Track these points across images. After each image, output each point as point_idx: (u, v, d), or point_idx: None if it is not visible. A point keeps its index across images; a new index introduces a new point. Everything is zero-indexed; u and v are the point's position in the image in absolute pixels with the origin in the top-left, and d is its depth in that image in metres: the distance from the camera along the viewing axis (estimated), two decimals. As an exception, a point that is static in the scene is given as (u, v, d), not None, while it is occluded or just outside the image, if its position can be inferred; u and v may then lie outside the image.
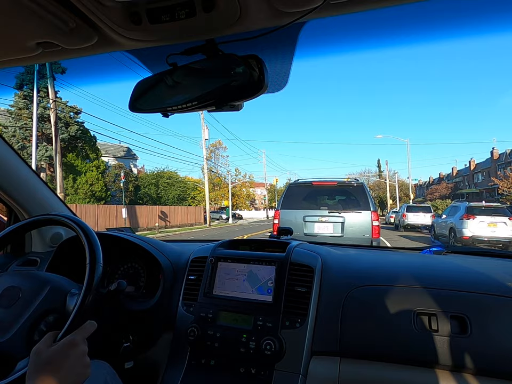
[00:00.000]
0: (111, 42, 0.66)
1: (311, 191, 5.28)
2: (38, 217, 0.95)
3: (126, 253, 1.26)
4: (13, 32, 0.62)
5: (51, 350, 0.61)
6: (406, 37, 0.72)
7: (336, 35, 0.73)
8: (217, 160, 42.24)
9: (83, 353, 0.64)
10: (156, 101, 0.77)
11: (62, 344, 0.63)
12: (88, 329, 0.68)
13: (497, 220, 8.99)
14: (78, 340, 0.65)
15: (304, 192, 5.28)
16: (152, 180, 28.96)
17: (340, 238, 4.79)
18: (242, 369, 0.98)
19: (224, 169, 41.93)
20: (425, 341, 0.86)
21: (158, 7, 0.55)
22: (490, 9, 0.66)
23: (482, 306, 0.87)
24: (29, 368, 0.60)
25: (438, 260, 1.19)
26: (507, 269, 1.06)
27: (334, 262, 1.11)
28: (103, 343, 1.03)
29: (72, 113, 19.56)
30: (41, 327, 0.77)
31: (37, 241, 1.42)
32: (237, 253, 1.14)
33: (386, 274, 1.02)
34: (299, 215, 4.99)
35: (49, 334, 0.67)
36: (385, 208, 41.71)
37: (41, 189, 1.38)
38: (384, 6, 0.57)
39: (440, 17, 0.69)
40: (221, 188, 39.75)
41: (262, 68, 0.65)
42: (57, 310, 0.81)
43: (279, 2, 0.54)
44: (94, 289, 0.79)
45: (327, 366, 0.93)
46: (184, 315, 1.10)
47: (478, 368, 0.82)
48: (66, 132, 18.57)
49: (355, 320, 0.94)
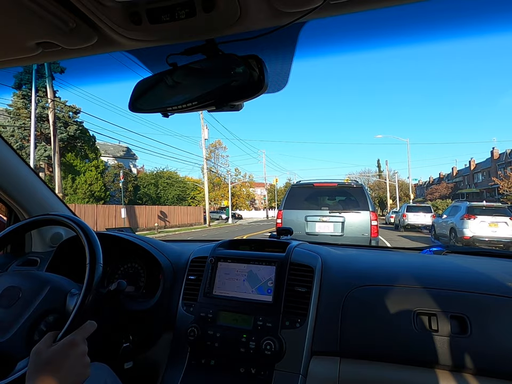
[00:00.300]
0: (111, 42, 0.66)
1: (313, 192, 5.46)
2: (38, 217, 0.95)
3: (126, 253, 1.26)
4: (13, 32, 0.62)
5: (51, 350, 0.61)
6: (406, 37, 0.72)
7: (336, 35, 0.73)
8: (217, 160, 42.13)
9: (83, 353, 0.64)
10: (156, 101, 0.76)
11: (62, 344, 0.63)
12: (88, 329, 0.68)
13: (498, 220, 8.91)
14: (78, 339, 0.65)
15: (306, 193, 5.45)
16: (152, 179, 28.79)
17: (340, 237, 4.94)
18: (242, 369, 0.98)
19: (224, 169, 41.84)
20: (425, 341, 0.86)
21: (158, 7, 0.55)
22: (490, 9, 0.66)
23: (482, 306, 0.87)
24: (29, 368, 0.60)
25: (438, 260, 1.19)
26: (507, 269, 1.06)
27: (334, 262, 1.11)
28: (103, 343, 1.03)
29: (71, 113, 19.37)
30: (41, 327, 0.77)
31: (37, 241, 1.42)
32: (237, 253, 1.14)
33: (387, 274, 1.02)
34: (301, 215, 5.14)
35: (49, 334, 0.67)
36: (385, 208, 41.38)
37: (41, 189, 1.38)
38: (384, 6, 0.57)
39: (440, 17, 0.69)
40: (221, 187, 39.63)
41: (262, 68, 0.65)
42: (57, 310, 0.81)
43: (279, 3, 0.54)
44: (94, 289, 0.79)
45: (327, 366, 0.93)
46: (184, 315, 1.10)
47: (478, 368, 0.82)
48: (65, 132, 18.41)
49: (355, 320, 0.94)
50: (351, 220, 4.98)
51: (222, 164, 42.42)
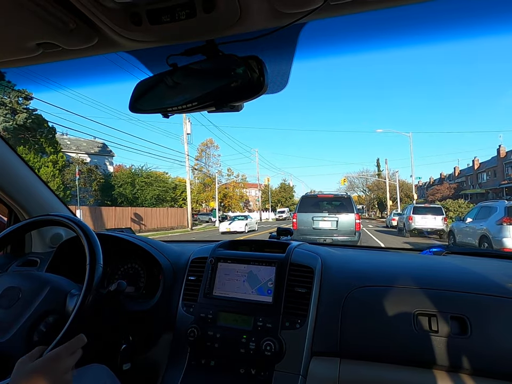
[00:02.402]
0: (112, 43, 0.66)
1: (317, 200, 8.14)
2: (38, 218, 0.95)
3: (126, 253, 1.26)
4: (14, 33, 0.62)
5: (35, 363, 0.61)
6: (407, 37, 0.72)
7: (336, 36, 0.73)
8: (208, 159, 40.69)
9: (66, 369, 0.63)
10: (156, 101, 0.77)
11: (46, 358, 0.63)
12: (75, 344, 0.67)
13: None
14: (63, 354, 0.64)
15: (312, 201, 8.16)
16: (128, 178, 25.23)
17: (335, 230, 7.56)
18: (242, 369, 0.98)
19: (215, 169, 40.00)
20: (425, 342, 0.86)
21: (158, 8, 0.55)
22: (491, 10, 0.66)
23: (482, 307, 0.87)
24: (12, 378, 0.60)
25: (437, 261, 1.19)
26: (507, 270, 1.06)
27: (334, 262, 1.11)
28: (103, 345, 1.03)
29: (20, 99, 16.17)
30: (41, 327, 0.77)
31: (37, 241, 1.42)
32: (237, 254, 1.14)
33: (386, 275, 1.02)
34: (309, 216, 7.79)
35: (37, 348, 0.67)
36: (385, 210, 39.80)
37: (41, 189, 1.38)
38: (384, 7, 0.57)
39: (440, 17, 0.69)
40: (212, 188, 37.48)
41: (262, 68, 0.65)
42: (57, 311, 0.81)
43: (279, 3, 0.54)
44: (94, 289, 0.79)
45: (327, 367, 0.93)
46: (184, 315, 1.10)
47: (478, 369, 0.82)
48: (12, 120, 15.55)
49: (355, 320, 0.94)
50: (342, 219, 7.56)
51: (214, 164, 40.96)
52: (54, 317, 0.80)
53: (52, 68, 0.86)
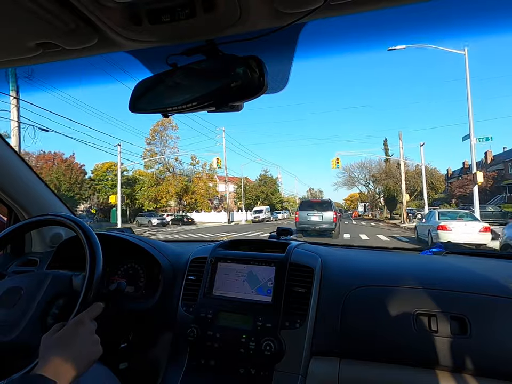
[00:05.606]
0: (112, 43, 0.66)
1: (311, 203, 13.78)
2: (38, 218, 0.95)
3: (126, 253, 1.26)
4: (13, 33, 0.62)
5: (61, 330, 0.64)
6: (407, 38, 0.72)
7: (337, 36, 0.73)
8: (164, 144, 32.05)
9: (91, 331, 0.66)
10: (156, 101, 0.77)
11: (70, 324, 0.65)
12: (94, 310, 0.71)
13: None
14: (85, 319, 0.67)
15: (308, 203, 13.89)
16: None
17: (320, 222, 12.53)
18: (242, 369, 0.98)
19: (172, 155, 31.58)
20: (425, 342, 0.86)
21: (158, 8, 0.55)
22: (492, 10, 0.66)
23: (482, 307, 0.87)
24: (40, 351, 0.61)
25: (438, 261, 1.19)
26: (507, 270, 1.06)
27: (334, 262, 1.11)
28: (102, 343, 1.03)
29: None
30: (54, 310, 0.80)
31: (37, 241, 1.42)
32: (237, 254, 1.14)
33: (386, 275, 1.02)
34: (305, 213, 12.87)
35: (57, 325, 0.69)
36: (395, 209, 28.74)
37: (41, 189, 1.38)
38: (385, 7, 0.57)
39: (441, 18, 0.69)
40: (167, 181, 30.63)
41: (262, 68, 0.65)
42: (65, 292, 0.84)
43: (279, 3, 0.54)
44: (94, 289, 0.80)
45: (326, 367, 0.93)
46: (183, 315, 1.10)
47: (478, 369, 0.82)
48: None
49: (355, 320, 0.94)
50: (325, 215, 12.54)
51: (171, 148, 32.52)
52: (64, 300, 0.83)
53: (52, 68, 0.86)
